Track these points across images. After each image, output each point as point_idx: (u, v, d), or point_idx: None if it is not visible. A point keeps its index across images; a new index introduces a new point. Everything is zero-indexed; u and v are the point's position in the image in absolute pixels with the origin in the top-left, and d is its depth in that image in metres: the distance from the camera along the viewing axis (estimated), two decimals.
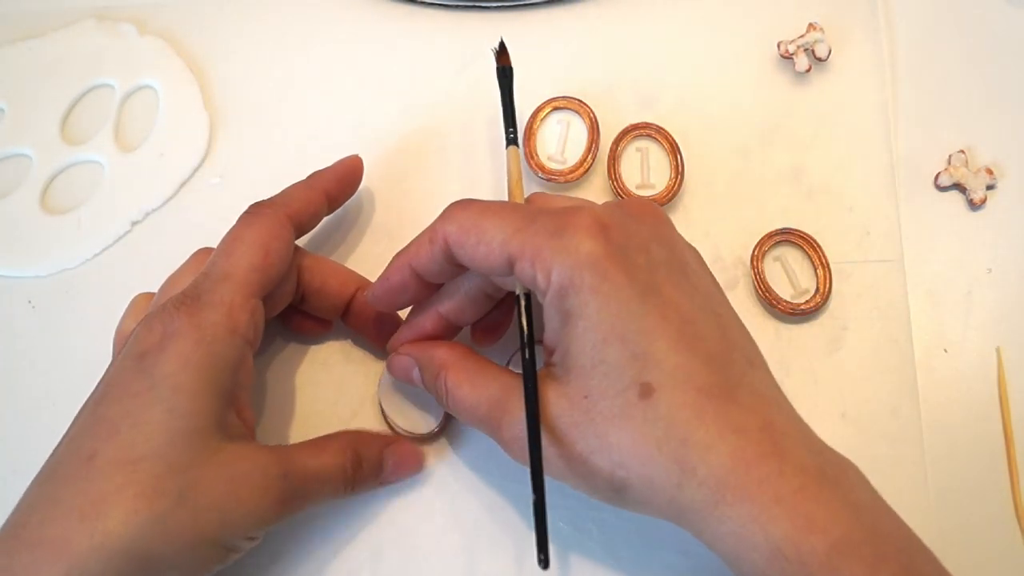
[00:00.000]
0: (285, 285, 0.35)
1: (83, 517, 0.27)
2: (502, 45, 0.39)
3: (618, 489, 0.28)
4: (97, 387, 0.31)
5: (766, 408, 0.27)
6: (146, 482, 0.28)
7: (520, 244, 0.28)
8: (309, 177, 0.37)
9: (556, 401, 0.29)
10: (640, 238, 0.29)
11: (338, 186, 0.38)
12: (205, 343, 0.30)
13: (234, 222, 0.34)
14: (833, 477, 0.26)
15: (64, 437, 0.31)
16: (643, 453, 0.26)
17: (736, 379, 0.27)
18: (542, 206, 0.31)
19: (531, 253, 0.28)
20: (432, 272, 0.32)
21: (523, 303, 0.31)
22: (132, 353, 0.30)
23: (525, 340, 0.30)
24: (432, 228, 0.31)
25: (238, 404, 0.32)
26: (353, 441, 0.34)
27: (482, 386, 0.31)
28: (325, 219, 0.40)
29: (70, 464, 0.29)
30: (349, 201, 0.41)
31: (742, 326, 0.30)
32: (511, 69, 0.38)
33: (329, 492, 0.33)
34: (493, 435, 0.31)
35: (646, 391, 0.27)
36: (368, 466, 0.34)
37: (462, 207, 0.31)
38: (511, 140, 0.37)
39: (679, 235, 0.31)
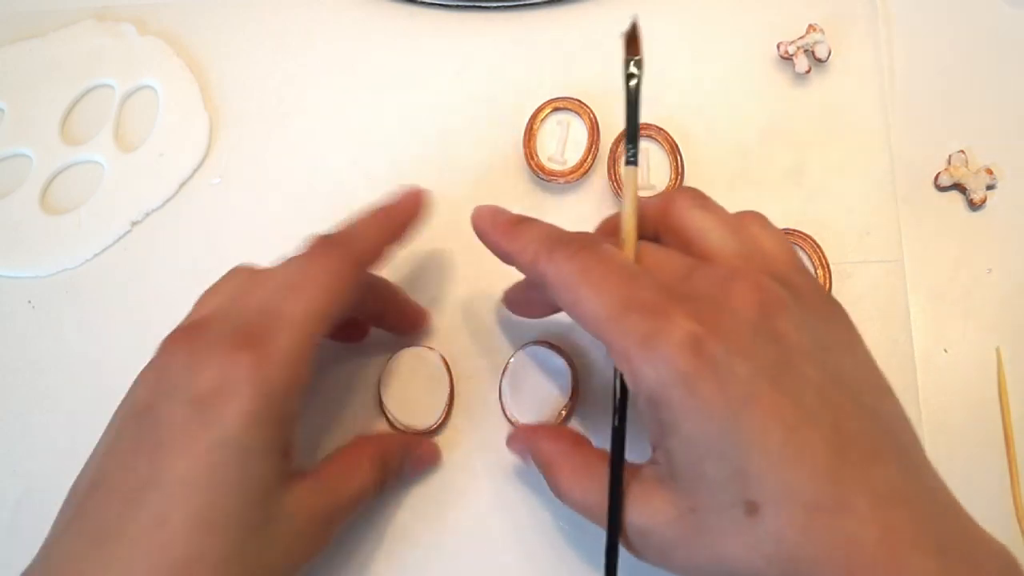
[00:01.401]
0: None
1: None
2: (634, 30, 0.31)
3: None
4: (139, 416, 0.29)
5: (887, 511, 0.25)
6: (227, 547, 0.27)
7: (610, 337, 0.27)
8: (381, 213, 0.35)
9: (663, 508, 0.28)
10: (742, 342, 0.26)
11: (407, 226, 0.35)
12: (271, 400, 0.28)
13: (302, 249, 0.32)
14: None
15: (107, 474, 0.28)
16: (754, 567, 0.26)
17: (851, 483, 0.25)
18: (647, 279, 0.28)
19: (620, 352, 0.27)
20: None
21: (618, 385, 0.30)
22: (185, 397, 0.28)
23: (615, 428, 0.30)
24: (535, 262, 0.30)
25: (292, 449, 0.30)
26: (380, 452, 0.34)
27: (591, 489, 0.30)
28: (327, 221, 0.40)
29: (136, 524, 0.26)
30: (351, 204, 0.41)
31: (872, 405, 0.27)
32: (635, 65, 0.31)
33: (363, 507, 0.33)
34: None
35: (752, 508, 0.25)
36: (393, 473, 0.34)
37: (568, 255, 0.29)
38: (630, 159, 0.31)
39: (799, 314, 0.27)
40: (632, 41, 0.31)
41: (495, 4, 0.44)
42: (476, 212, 0.33)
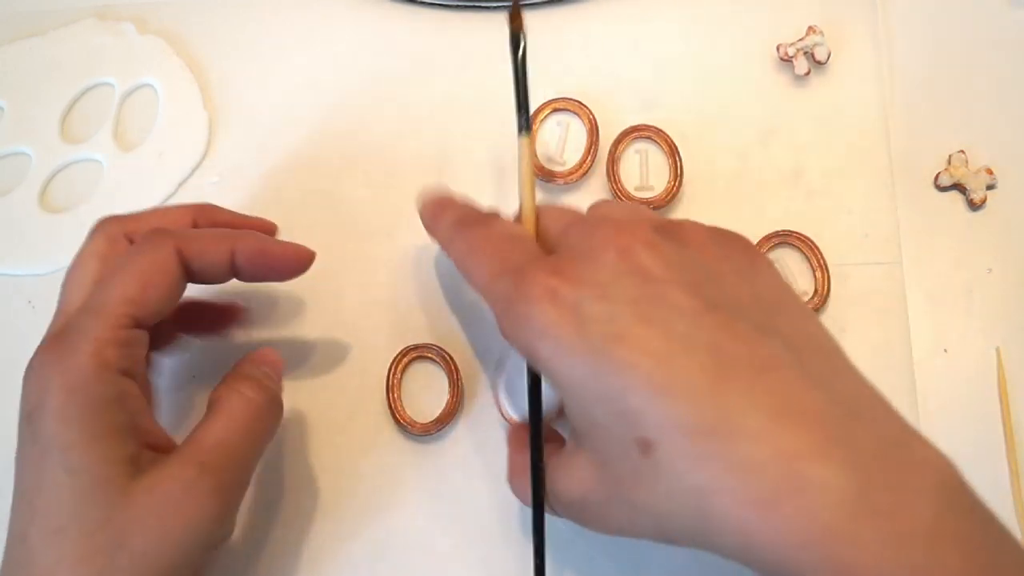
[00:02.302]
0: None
1: None
2: (516, 6, 0.34)
3: (670, 541, 0.26)
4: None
5: (782, 426, 0.23)
6: (76, 547, 0.27)
7: (488, 303, 0.29)
8: (236, 231, 0.34)
9: (584, 475, 0.27)
10: (601, 284, 0.26)
11: (253, 258, 0.33)
12: (77, 391, 0.28)
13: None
14: (876, 502, 0.22)
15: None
16: (667, 510, 0.25)
17: (734, 407, 0.24)
18: (524, 245, 0.30)
19: (497, 318, 0.28)
20: None
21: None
22: (22, 414, 0.29)
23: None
24: (446, 248, 0.33)
25: (140, 433, 0.30)
26: (249, 358, 0.33)
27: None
28: (326, 220, 0.40)
29: (11, 548, 0.28)
30: (351, 204, 0.41)
31: (771, 326, 0.26)
32: (521, 36, 0.34)
33: (263, 429, 0.32)
34: None
35: (645, 446, 0.25)
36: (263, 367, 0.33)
37: (463, 235, 0.32)
38: (523, 126, 0.34)
39: (670, 250, 0.27)
40: (516, 15, 0.34)
41: (495, 4, 0.44)
42: (422, 198, 0.35)
